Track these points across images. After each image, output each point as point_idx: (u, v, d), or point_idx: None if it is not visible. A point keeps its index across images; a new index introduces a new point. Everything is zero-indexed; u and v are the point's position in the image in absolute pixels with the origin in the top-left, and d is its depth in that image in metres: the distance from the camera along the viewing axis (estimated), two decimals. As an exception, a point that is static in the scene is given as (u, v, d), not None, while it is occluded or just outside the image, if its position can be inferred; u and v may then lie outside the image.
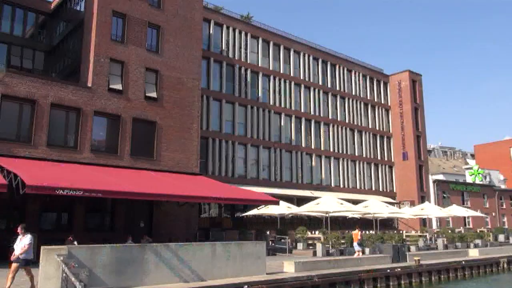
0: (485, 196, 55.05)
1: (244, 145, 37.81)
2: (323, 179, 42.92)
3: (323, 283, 16.22)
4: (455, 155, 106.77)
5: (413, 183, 47.90)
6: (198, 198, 20.22)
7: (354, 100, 47.82)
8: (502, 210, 56.03)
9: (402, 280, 19.55)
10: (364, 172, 46.91)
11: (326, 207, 25.74)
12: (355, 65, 49.06)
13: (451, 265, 22.86)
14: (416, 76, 51.62)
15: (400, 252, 21.83)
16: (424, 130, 50.89)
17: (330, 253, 24.45)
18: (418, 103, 50.84)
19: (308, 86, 43.70)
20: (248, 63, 39.49)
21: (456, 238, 32.07)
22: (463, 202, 51.51)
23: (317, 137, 43.48)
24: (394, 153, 50.13)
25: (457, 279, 22.66)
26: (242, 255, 15.28)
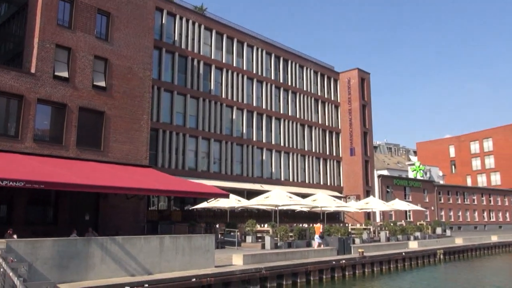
0: (425, 191, 57.90)
1: (195, 137, 37.53)
2: (273, 173, 43.45)
3: (271, 275, 16.51)
4: (399, 151, 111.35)
5: (359, 178, 49.53)
6: (147, 191, 19.89)
7: (305, 96, 48.66)
8: (440, 205, 59.20)
9: (347, 272, 20.27)
10: (313, 166, 47.95)
11: (275, 201, 26.11)
12: (307, 61, 49.88)
13: (392, 257, 23.94)
14: (365, 74, 53.25)
15: (345, 244, 22.59)
16: (371, 127, 52.68)
17: (279, 246, 24.87)
18: (366, 100, 52.50)
19: (260, 80, 43.96)
20: (201, 55, 39.13)
21: (397, 231, 33.56)
22: (405, 196, 53.91)
23: (268, 131, 43.90)
24: (342, 148, 51.57)
25: (398, 270, 23.77)
26: (191, 248, 15.24)
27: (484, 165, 78.63)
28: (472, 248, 32.64)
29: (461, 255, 30.95)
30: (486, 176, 77.92)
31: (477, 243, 34.25)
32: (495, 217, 67.45)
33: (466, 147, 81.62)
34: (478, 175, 79.14)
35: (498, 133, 76.95)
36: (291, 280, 17.29)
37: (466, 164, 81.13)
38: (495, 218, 67.41)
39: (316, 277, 18.43)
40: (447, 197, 60.80)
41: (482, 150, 79.16)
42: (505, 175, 74.65)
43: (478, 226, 63.49)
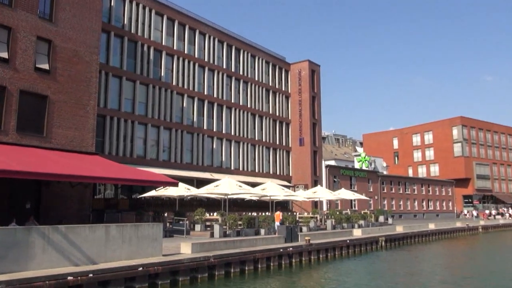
0: (370, 181, 60.11)
1: (144, 125, 36.78)
2: (223, 162, 43.47)
3: (219, 263, 16.61)
4: (347, 143, 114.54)
5: (307, 168, 50.59)
6: (92, 179, 19.31)
7: (257, 86, 48.87)
8: (383, 194, 61.75)
9: (294, 259, 20.74)
10: (263, 156, 48.43)
11: (225, 189, 26.16)
12: (259, 51, 50.01)
13: (337, 244, 24.74)
14: (315, 66, 54.17)
15: (293, 232, 23.07)
16: (320, 118, 53.82)
17: (228, 234, 25.02)
18: (316, 92, 53.50)
19: (212, 68, 43.63)
20: (152, 40, 38.22)
21: (343, 219, 34.68)
22: (351, 186, 55.72)
23: (219, 120, 43.77)
24: (292, 138, 52.39)
25: (342, 257, 24.63)
26: (138, 237, 15.02)
27: (424, 157, 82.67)
28: (411, 235, 34.36)
29: (401, 242, 32.50)
30: (426, 167, 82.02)
31: (416, 230, 36.10)
32: (433, 206, 71.30)
33: (409, 140, 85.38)
34: (419, 166, 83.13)
35: (438, 126, 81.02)
36: (239, 268, 17.48)
37: (408, 156, 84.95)
38: (433, 207, 71.27)
39: (263, 265, 18.75)
40: (390, 187, 63.47)
41: (423, 142, 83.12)
42: (443, 167, 78.90)
43: (417, 214, 66.86)
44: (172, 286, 14.45)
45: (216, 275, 16.36)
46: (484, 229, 48.17)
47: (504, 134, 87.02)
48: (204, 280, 15.71)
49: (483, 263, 24.52)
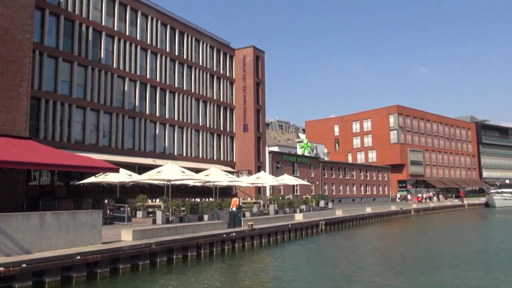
0: (311, 167, 61.67)
1: (83, 108, 35.31)
2: (166, 148, 42.78)
3: (161, 250, 16.44)
4: (290, 129, 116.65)
5: (251, 154, 50.99)
6: (25, 164, 18.32)
7: (201, 71, 48.29)
8: (324, 179, 63.63)
9: (236, 244, 20.95)
10: (207, 141, 48.18)
11: (168, 175, 25.78)
12: (204, 35, 49.33)
13: (279, 229, 25.26)
14: (260, 52, 54.32)
15: (236, 218, 23.24)
16: (264, 105, 54.23)
17: (170, 220, 24.77)
18: (260, 78, 53.76)
19: (155, 52, 42.52)
20: (90, 20, 36.54)
21: (285, 204, 35.39)
22: (293, 172, 56.89)
23: (162, 104, 42.90)
24: (236, 124, 52.46)
25: (284, 241, 25.21)
26: (76, 225, 14.51)
27: (363, 144, 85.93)
28: (349, 219, 35.76)
29: (340, 225, 33.74)
30: (364, 153, 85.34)
31: (354, 214, 37.62)
32: (370, 191, 74.53)
33: (349, 127, 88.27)
34: (357, 152, 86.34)
35: (376, 114, 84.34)
36: (181, 254, 17.40)
37: (348, 142, 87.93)
38: (370, 191, 74.49)
39: (206, 250, 18.78)
40: (330, 173, 65.49)
41: (362, 130, 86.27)
42: (380, 153, 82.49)
43: (355, 199, 69.64)
44: (112, 275, 14.14)
45: (158, 262, 16.19)
46: (416, 212, 51.06)
47: (436, 123, 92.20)
48: (145, 268, 15.51)
49: (414, 242, 26.05)
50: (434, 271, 15.92)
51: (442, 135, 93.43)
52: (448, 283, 13.72)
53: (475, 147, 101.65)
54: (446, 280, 14.13)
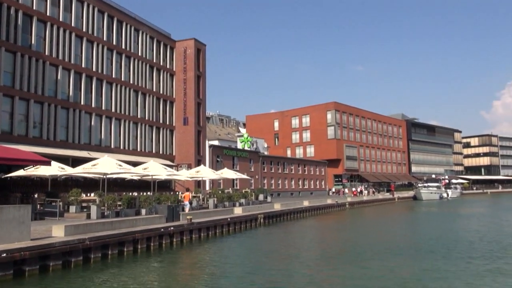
0: (251, 161, 62.21)
1: (11, 97, 33.20)
2: (102, 140, 41.32)
3: (96, 246, 15.91)
4: (230, 123, 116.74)
5: (191, 147, 50.52)
6: None
7: (140, 61, 47.03)
8: (263, 173, 64.44)
9: (175, 238, 20.72)
10: (146, 134, 47.10)
11: (103, 169, 24.92)
12: (143, 25, 48.03)
13: (218, 222, 25.30)
14: (201, 45, 53.79)
15: (174, 212, 22.97)
16: (205, 98, 53.86)
17: (106, 215, 24.00)
18: (201, 71, 53.28)
19: (91, 40, 40.81)
20: (20, 3, 34.34)
21: (225, 198, 35.47)
22: (233, 165, 57.08)
23: (98, 95, 41.34)
24: (176, 117, 51.70)
25: (223, 234, 25.28)
26: (2, 220, 13.67)
27: (302, 139, 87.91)
28: (287, 212, 36.52)
29: (278, 218, 34.37)
30: (303, 148, 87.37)
31: (292, 207, 38.47)
32: (308, 185, 76.51)
33: (288, 122, 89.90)
34: (296, 147, 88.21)
35: (315, 110, 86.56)
36: (117, 250, 16.94)
37: (287, 137, 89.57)
38: (308, 185, 76.46)
39: (143, 245, 18.42)
40: (270, 167, 66.43)
41: (301, 125, 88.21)
42: (318, 148, 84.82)
43: (294, 192, 71.21)
44: (42, 272, 13.49)
45: (92, 258, 15.65)
46: (350, 205, 53.13)
47: (370, 120, 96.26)
48: (78, 264, 14.93)
49: (348, 234, 27.13)
50: (366, 261, 16.69)
51: (376, 131, 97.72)
52: (378, 273, 14.44)
53: (405, 143, 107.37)
54: (376, 270, 14.87)
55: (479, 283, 12.58)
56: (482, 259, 16.33)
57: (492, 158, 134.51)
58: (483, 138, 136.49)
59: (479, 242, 21.16)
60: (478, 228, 28.69)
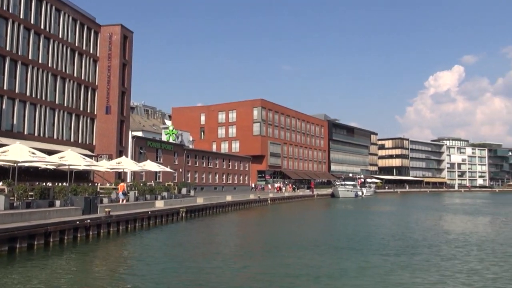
0: (176, 154, 61.31)
1: None
2: (14, 125, 38.46)
3: (2, 239, 14.88)
4: (156, 114, 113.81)
5: (113, 138, 48.66)
6: None
7: (60, 44, 44.33)
8: (188, 167, 63.83)
9: (91, 231, 19.94)
10: (64, 121, 44.57)
11: (14, 156, 23.20)
12: (65, 5, 45.28)
13: (139, 215, 24.73)
14: (128, 32, 51.91)
15: (92, 204, 22.09)
16: (130, 87, 52.10)
17: (15, 206, 22.39)
18: (127, 59, 51.45)
19: (5, 17, 37.71)
20: None
21: (146, 190, 34.65)
22: (157, 158, 55.88)
23: (11, 77, 38.34)
24: (98, 105, 49.47)
25: (143, 228, 24.76)
26: None
27: (227, 134, 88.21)
28: (210, 206, 36.59)
29: (201, 212, 34.34)
30: (228, 143, 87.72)
31: (215, 202, 38.60)
32: (231, 180, 77.03)
33: (215, 116, 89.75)
34: (222, 142, 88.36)
35: (241, 106, 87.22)
36: (26, 243, 15.95)
37: (213, 132, 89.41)
38: (231, 180, 76.99)
39: (56, 238, 17.53)
40: (194, 161, 65.94)
41: (228, 120, 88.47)
42: (243, 144, 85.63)
43: (217, 187, 71.34)
44: None
45: (-2, 251, 14.61)
46: (272, 201, 54.41)
47: (294, 118, 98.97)
48: (-19, 258, 13.86)
49: (268, 228, 27.80)
50: (285, 254, 17.23)
51: (299, 130, 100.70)
52: (295, 265, 14.98)
53: (326, 143, 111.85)
54: (294, 262, 15.42)
55: (390, 277, 13.52)
56: (394, 256, 17.55)
57: (403, 160, 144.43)
58: (396, 141, 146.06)
59: (390, 238, 22.69)
60: (389, 225, 30.74)
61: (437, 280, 12.96)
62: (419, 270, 14.42)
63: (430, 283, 12.66)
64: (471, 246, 19.79)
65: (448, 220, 35.30)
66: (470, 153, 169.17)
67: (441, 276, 13.37)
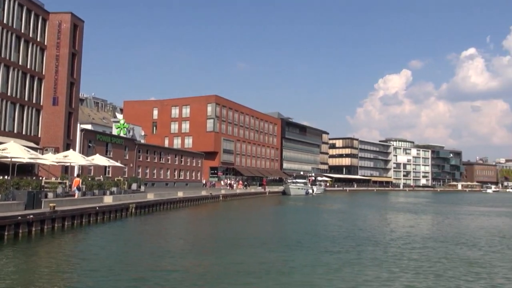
0: (126, 149, 59.86)
1: None
2: (-49, 114, 36.14)
3: None
4: (106, 107, 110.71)
5: (60, 130, 46.78)
6: None
7: (5, 30, 42.04)
8: (139, 162, 62.51)
9: (34, 227, 19.15)
10: (7, 112, 42.35)
11: (-50, 147, 21.87)
12: (11, -10, 42.95)
13: (86, 211, 23.99)
14: (79, 21, 50.02)
15: (35, 198, 21.20)
16: (79, 78, 50.27)
17: (-50, 200, 21.10)
18: (77, 49, 49.58)
19: None
20: None
21: (94, 185, 33.66)
22: (107, 152, 54.33)
23: (-51, 63, 36.00)
24: (44, 96, 47.34)
25: (90, 224, 24.04)
26: None
27: (180, 129, 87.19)
28: (161, 202, 36.08)
29: (151, 208, 33.80)
30: (181, 139, 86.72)
31: (166, 198, 38.11)
32: (183, 176, 76.23)
33: (168, 111, 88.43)
34: (175, 137, 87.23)
35: (195, 102, 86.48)
36: (-39, 239, 15.09)
37: (166, 127, 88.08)
38: (183, 176, 76.19)
39: (-4, 234, 16.68)
40: (146, 156, 64.67)
41: (181, 115, 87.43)
42: (196, 140, 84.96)
43: (169, 183, 70.38)
44: None
45: None
46: (224, 197, 54.40)
47: (248, 116, 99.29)
48: None
49: (220, 225, 27.80)
50: (236, 251, 17.31)
51: (253, 127, 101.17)
52: (246, 262, 15.09)
53: (279, 141, 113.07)
54: (245, 259, 15.52)
55: (340, 274, 13.90)
56: (344, 253, 18.06)
57: (352, 159, 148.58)
58: (346, 141, 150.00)
59: (339, 236, 23.31)
60: (338, 223, 31.53)
61: (387, 277, 13.42)
62: (368, 266, 14.92)
63: (379, 279, 13.14)
64: (415, 244, 20.73)
65: (393, 219, 36.74)
66: (415, 154, 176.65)
67: (389, 273, 13.87)
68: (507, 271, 14.74)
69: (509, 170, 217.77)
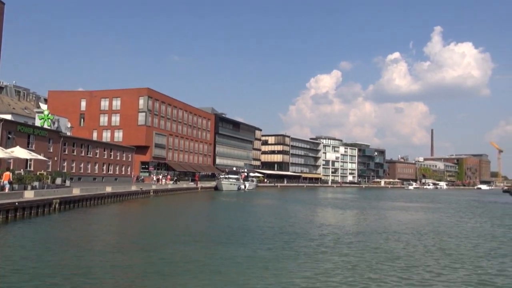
0: (50, 141, 56.56)
1: None
2: None
3: None
4: (29, 97, 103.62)
5: (-25, 119, 43.18)
6: None
7: None
8: (64, 155, 59.34)
9: None
10: None
11: None
12: None
13: (3, 207, 22.39)
14: None
15: None
16: (-2, 64, 46.66)
17: None
18: (-4, 33, 45.94)
19: None
20: None
21: (14, 179, 31.51)
22: (28, 144, 51.00)
23: None
24: (-43, 82, 43.46)
25: (9, 221, 22.47)
26: None
27: (110, 122, 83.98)
28: (87, 197, 34.56)
29: (77, 204, 32.27)
30: (111, 132, 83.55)
31: (93, 193, 36.55)
32: (113, 170, 73.54)
33: (97, 103, 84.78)
34: (104, 130, 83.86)
35: (127, 94, 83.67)
36: None
37: (95, 119, 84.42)
38: (112, 171, 73.50)
39: None
40: (72, 149, 61.55)
41: (111, 108, 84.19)
42: (127, 133, 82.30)
43: (97, 177, 67.58)
44: None
45: None
46: (155, 193, 53.27)
47: (181, 110, 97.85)
48: None
49: (149, 221, 27.16)
50: (163, 247, 16.99)
51: (186, 122, 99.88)
52: (173, 258, 14.87)
53: (213, 136, 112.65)
54: (172, 256, 15.29)
55: (273, 271, 14.11)
56: (277, 249, 18.36)
57: (284, 156, 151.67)
58: (278, 138, 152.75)
59: (271, 231, 23.67)
60: (270, 218, 32.00)
61: (321, 271, 13.82)
62: (302, 262, 15.29)
63: (314, 273, 13.51)
64: (344, 238, 21.60)
65: (323, 214, 38.01)
66: (343, 151, 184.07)
67: (322, 268, 14.30)
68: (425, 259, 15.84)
69: (426, 168, 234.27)
